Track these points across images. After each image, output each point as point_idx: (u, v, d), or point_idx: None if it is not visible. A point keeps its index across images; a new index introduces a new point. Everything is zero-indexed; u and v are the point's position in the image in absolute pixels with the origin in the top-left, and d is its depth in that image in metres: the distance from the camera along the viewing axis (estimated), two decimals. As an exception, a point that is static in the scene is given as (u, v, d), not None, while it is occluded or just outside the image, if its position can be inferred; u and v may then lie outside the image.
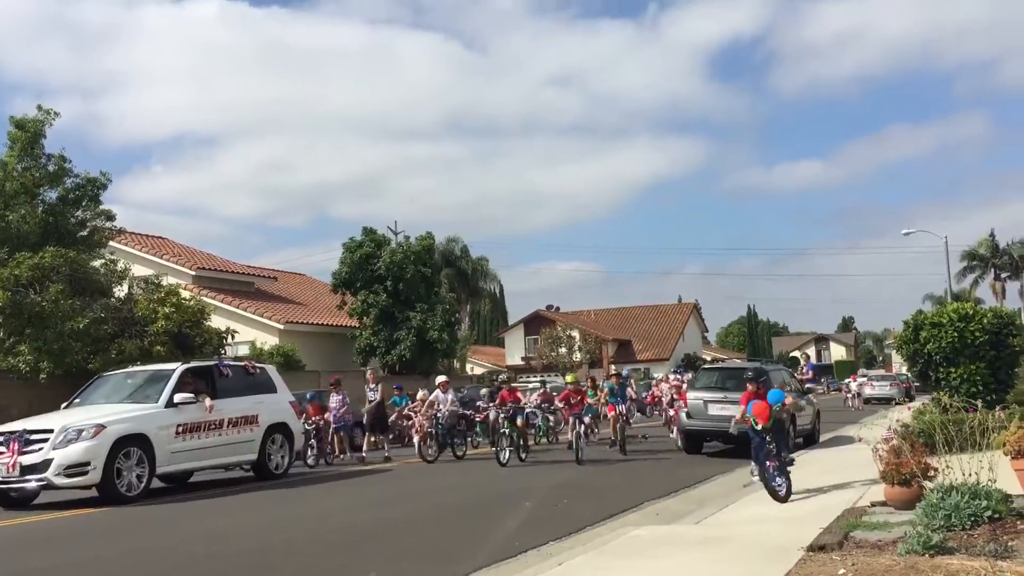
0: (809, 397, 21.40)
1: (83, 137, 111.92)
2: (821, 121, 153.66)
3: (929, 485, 7.94)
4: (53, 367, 19.98)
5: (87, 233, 24.86)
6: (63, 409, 14.37)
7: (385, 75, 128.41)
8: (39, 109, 24.32)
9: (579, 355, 54.83)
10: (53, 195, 24.48)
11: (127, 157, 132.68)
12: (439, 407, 18.65)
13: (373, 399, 19.82)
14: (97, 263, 23.83)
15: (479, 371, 53.89)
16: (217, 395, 14.88)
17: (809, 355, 45.51)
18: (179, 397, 14.02)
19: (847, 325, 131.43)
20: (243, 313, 33.30)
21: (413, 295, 34.51)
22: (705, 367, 24.82)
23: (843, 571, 6.04)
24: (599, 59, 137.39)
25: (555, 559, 7.60)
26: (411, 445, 19.58)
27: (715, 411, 17.93)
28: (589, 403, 18.61)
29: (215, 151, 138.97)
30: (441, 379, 19.79)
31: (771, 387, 17.99)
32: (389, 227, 42.85)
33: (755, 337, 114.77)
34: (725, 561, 6.92)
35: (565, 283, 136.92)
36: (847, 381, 47.08)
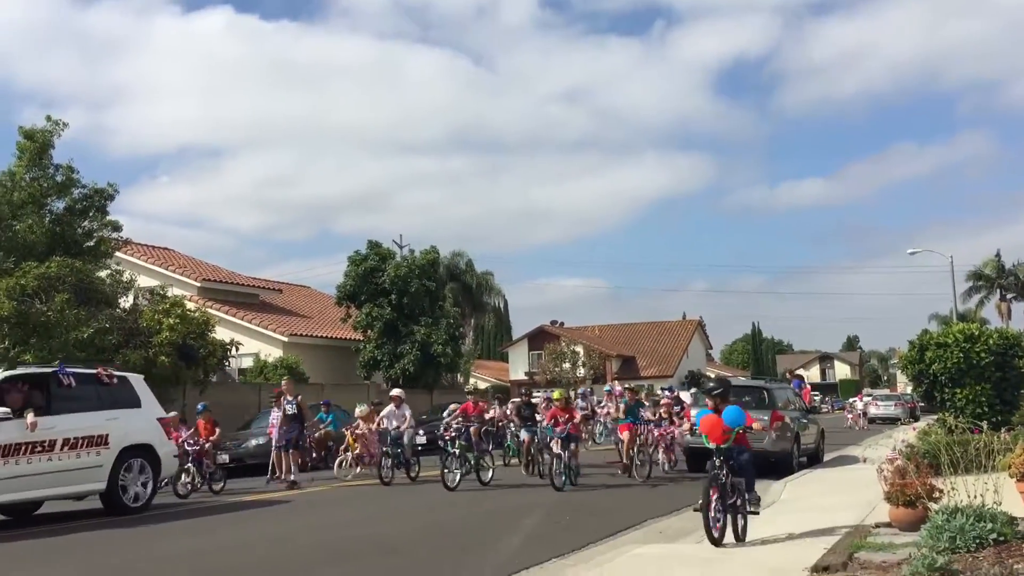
0: (812, 417, 21.34)
1: (90, 148, 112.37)
2: (825, 140, 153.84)
3: (934, 507, 7.90)
4: (57, 377, 19.96)
5: (93, 243, 24.93)
6: None
7: (392, 90, 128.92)
8: (48, 120, 24.47)
9: (583, 371, 54.76)
10: (60, 205, 24.57)
11: (134, 168, 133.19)
12: (392, 424, 17.10)
13: (291, 412, 17.27)
14: (103, 273, 23.90)
15: (483, 385, 53.86)
16: (52, 410, 12.25)
17: (801, 375, 44.70)
18: None
19: (852, 344, 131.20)
20: (248, 325, 33.36)
21: (417, 309, 34.56)
22: (708, 385, 24.72)
23: (847, 593, 5.99)
24: (606, 76, 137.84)
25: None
26: (348, 467, 18.06)
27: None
28: (576, 420, 16.10)
29: (221, 162, 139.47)
30: (395, 393, 18.33)
31: (767, 402, 17.93)
32: (394, 241, 42.96)
33: (760, 355, 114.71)
34: (728, 581, 6.88)
35: (570, 298, 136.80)
36: (851, 400, 46.72)
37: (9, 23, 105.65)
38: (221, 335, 25.11)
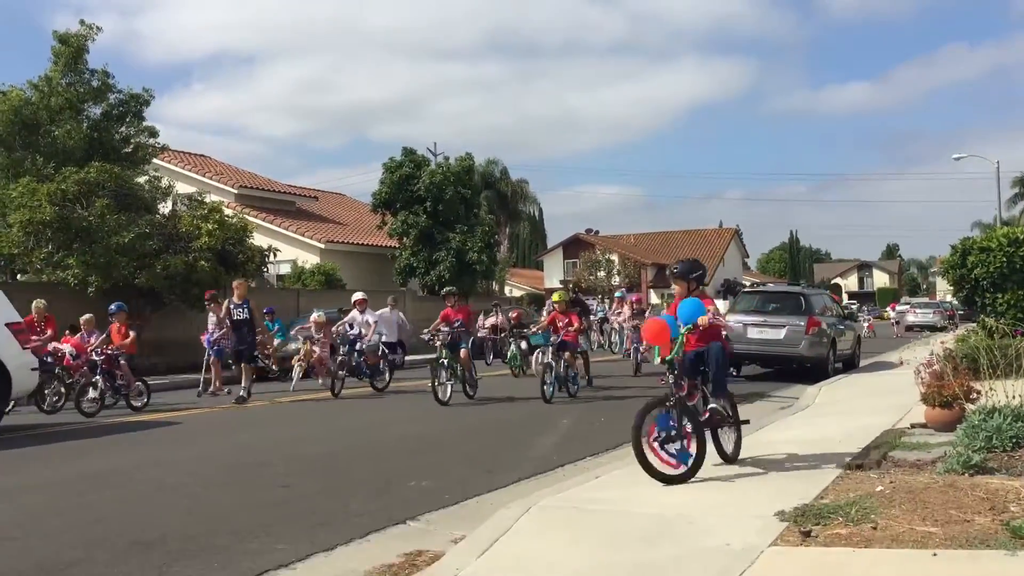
0: (850, 323, 21.22)
1: (123, 55, 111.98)
2: (871, 42, 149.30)
3: (971, 407, 7.87)
4: (101, 281, 20.35)
5: (131, 149, 25.09)
6: None
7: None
8: (82, 24, 24.41)
9: (618, 279, 54.75)
10: (97, 111, 24.68)
11: (167, 76, 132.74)
12: (356, 330, 15.97)
13: (241, 318, 15.17)
14: (141, 179, 24.09)
15: (518, 293, 54.11)
16: None
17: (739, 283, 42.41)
18: None
19: (891, 252, 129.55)
20: (285, 232, 33.59)
21: (452, 216, 34.49)
22: (745, 291, 24.61)
23: (880, 488, 6.04)
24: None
25: (592, 472, 7.70)
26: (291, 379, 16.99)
27: (754, 335, 18.00)
28: (575, 326, 14.42)
29: (255, 69, 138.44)
30: (358, 296, 17.00)
31: (804, 309, 17.79)
32: (428, 148, 42.70)
33: (797, 263, 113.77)
34: (760, 479, 6.96)
35: (605, 207, 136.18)
36: (886, 309, 46.25)
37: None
38: (259, 241, 25.31)
